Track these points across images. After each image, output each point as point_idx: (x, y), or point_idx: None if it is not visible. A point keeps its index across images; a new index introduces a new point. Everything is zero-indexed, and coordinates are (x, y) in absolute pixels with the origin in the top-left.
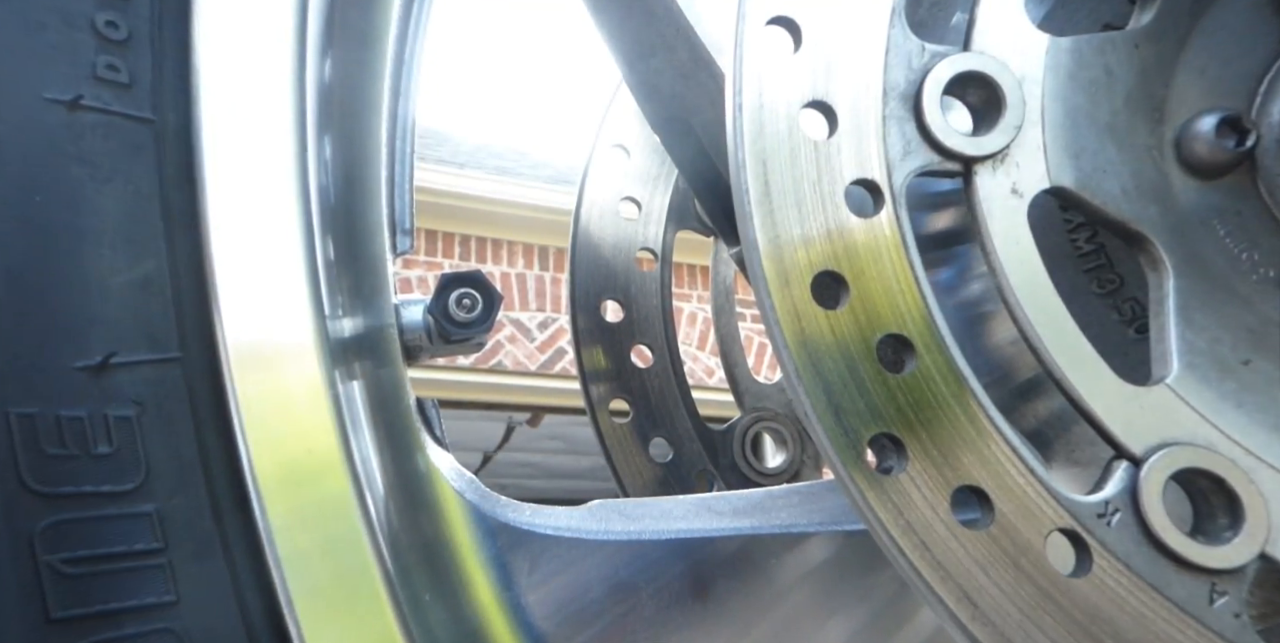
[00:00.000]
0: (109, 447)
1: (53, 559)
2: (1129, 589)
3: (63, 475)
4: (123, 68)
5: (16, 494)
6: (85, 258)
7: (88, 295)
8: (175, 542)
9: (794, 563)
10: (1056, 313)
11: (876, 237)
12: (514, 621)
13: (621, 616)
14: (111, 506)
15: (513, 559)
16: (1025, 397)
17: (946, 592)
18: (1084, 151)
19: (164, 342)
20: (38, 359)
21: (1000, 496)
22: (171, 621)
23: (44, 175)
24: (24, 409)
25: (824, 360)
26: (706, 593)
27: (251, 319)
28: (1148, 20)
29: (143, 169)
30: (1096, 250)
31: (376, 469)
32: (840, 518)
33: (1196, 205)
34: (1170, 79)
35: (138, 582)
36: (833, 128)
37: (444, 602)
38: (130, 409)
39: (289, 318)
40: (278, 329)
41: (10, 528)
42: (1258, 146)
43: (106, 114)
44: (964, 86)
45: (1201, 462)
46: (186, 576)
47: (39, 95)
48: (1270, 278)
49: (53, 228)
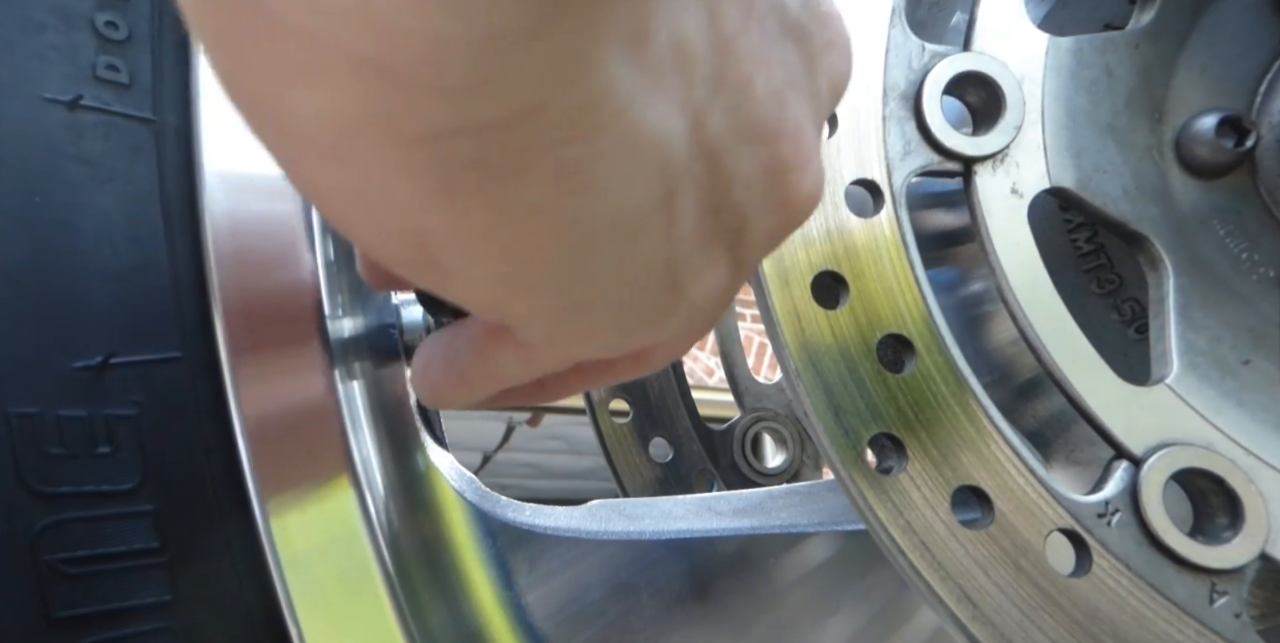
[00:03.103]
0: (109, 446)
1: (53, 559)
2: (1129, 589)
3: (63, 475)
4: (123, 68)
5: (17, 494)
6: (85, 258)
7: (87, 295)
8: (174, 541)
9: (794, 563)
10: (1056, 313)
11: (876, 237)
12: (514, 620)
13: (621, 615)
14: (111, 505)
15: (513, 559)
16: (1025, 397)
17: (946, 592)
18: (1084, 152)
19: (164, 342)
20: (38, 359)
21: (1000, 495)
22: (171, 620)
23: (44, 175)
24: (24, 409)
25: (824, 360)
26: (706, 593)
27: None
28: (1148, 20)
29: (143, 169)
30: (1097, 250)
31: (376, 469)
32: (840, 518)
33: (1196, 205)
34: (1170, 79)
35: (137, 581)
36: (833, 128)
37: (444, 602)
38: (130, 409)
39: (289, 318)
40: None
41: (10, 528)
42: (1258, 146)
43: (106, 114)
44: (964, 86)
45: (1201, 462)
46: (186, 575)
47: (39, 95)
48: (1270, 278)
49: (52, 228)
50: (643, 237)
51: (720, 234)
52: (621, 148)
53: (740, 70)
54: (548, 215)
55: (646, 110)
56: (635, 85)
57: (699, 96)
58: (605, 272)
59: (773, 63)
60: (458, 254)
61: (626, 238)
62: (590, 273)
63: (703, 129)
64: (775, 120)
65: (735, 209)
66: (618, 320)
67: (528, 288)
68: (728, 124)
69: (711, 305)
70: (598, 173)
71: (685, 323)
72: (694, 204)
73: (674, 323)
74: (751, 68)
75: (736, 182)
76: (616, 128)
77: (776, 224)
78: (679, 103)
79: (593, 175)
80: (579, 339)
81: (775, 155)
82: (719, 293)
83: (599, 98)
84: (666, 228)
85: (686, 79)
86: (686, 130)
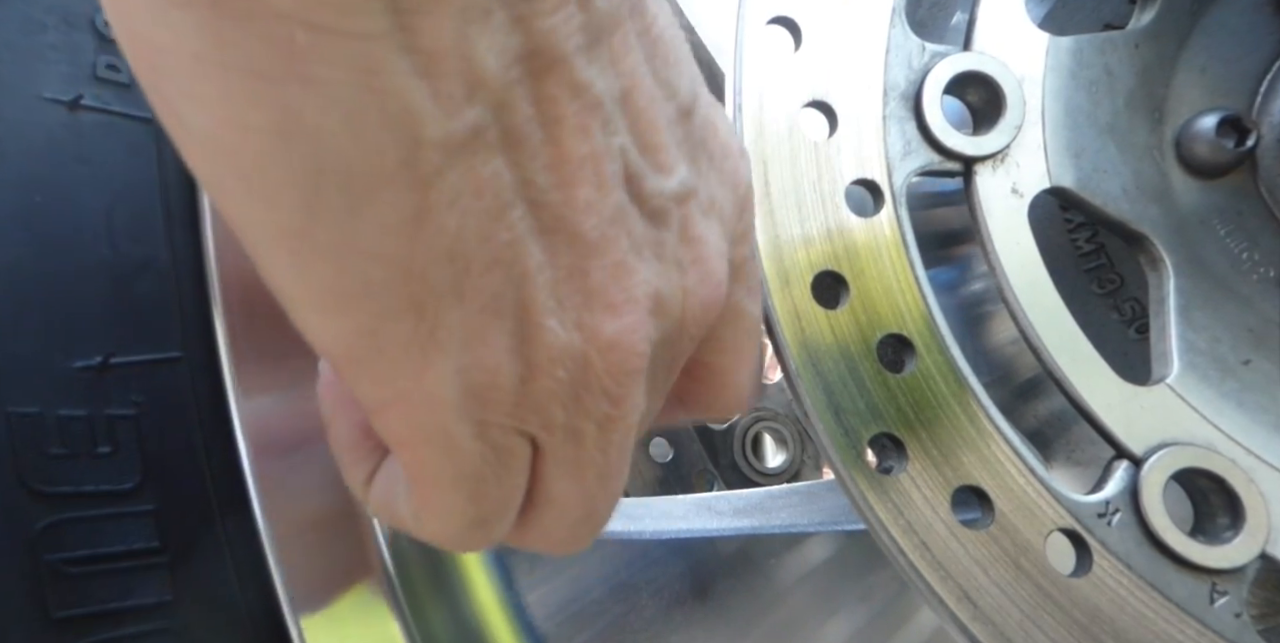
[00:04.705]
0: (109, 446)
1: (53, 559)
2: (1129, 589)
3: (63, 475)
4: (123, 68)
5: (17, 494)
6: (85, 258)
7: (87, 295)
8: (174, 541)
9: (794, 563)
10: (1057, 313)
11: (877, 236)
12: (514, 620)
13: (621, 616)
14: (111, 505)
15: (513, 559)
16: (1025, 397)
17: (946, 592)
18: (1084, 151)
19: (164, 342)
20: (38, 359)
21: (1000, 495)
22: (171, 620)
23: (44, 175)
24: (24, 409)
25: (824, 360)
26: (706, 593)
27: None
28: (1148, 20)
29: (143, 169)
30: (1097, 250)
31: None
32: (840, 518)
33: (1197, 205)
34: (1171, 79)
35: (137, 581)
36: (833, 128)
37: (444, 602)
38: (130, 409)
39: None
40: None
41: (10, 528)
42: (1258, 146)
43: (106, 114)
44: (964, 86)
45: (1202, 462)
46: (186, 575)
47: (39, 95)
48: (1271, 278)
49: (52, 227)
50: (383, 202)
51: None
52: (354, 75)
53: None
54: (266, 84)
55: (389, 61)
56: (388, 33)
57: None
58: (330, 214)
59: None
60: (180, 88)
61: (356, 187)
62: (310, 202)
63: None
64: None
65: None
66: (344, 289)
67: (241, 175)
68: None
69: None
70: (322, 75)
71: (438, 381)
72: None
73: (432, 370)
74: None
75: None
76: (351, 47)
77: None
78: (448, 100)
79: (316, 75)
80: (301, 291)
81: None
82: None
83: (343, 3)
84: (423, 212)
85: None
86: (457, 131)
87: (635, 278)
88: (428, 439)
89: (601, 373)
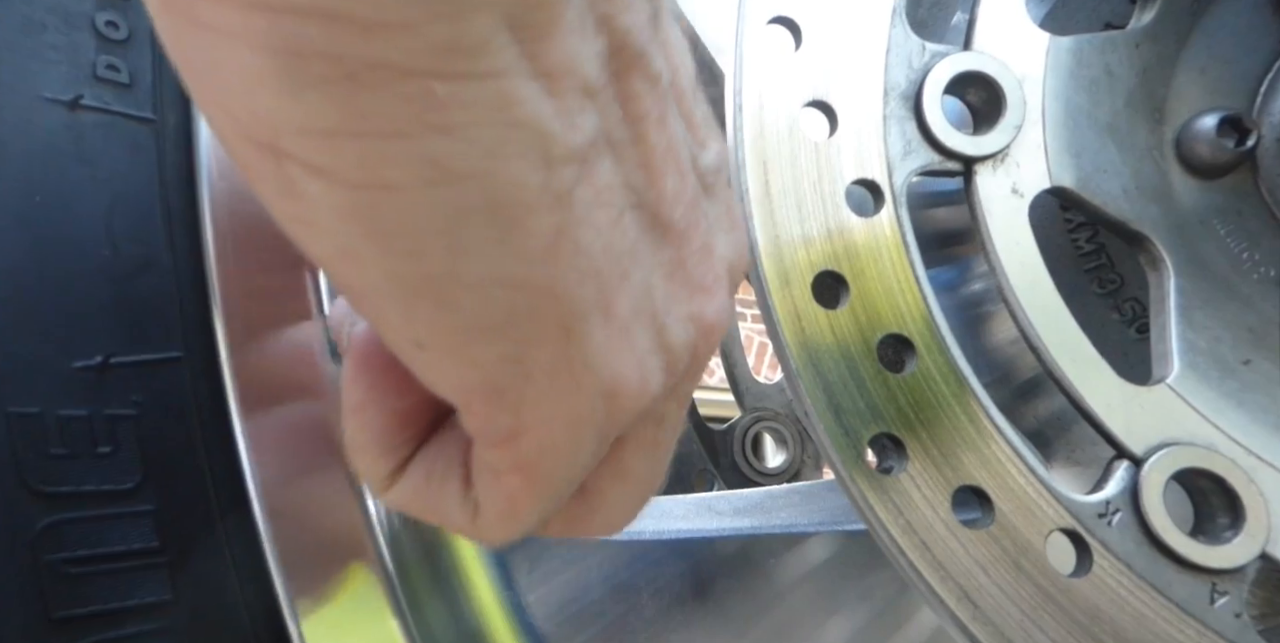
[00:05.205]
0: (109, 446)
1: (53, 559)
2: (1129, 589)
3: (63, 475)
4: (123, 68)
5: (17, 494)
6: (85, 258)
7: (87, 296)
8: (174, 541)
9: (794, 563)
10: (1057, 313)
11: (877, 236)
12: (514, 620)
13: (621, 616)
14: (111, 505)
15: (513, 559)
16: (1026, 397)
17: (946, 592)
18: (1085, 151)
19: (164, 342)
20: (38, 359)
21: (1000, 495)
22: (171, 620)
23: (44, 175)
24: (24, 409)
25: (824, 360)
26: (706, 593)
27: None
28: (1148, 20)
29: (143, 169)
30: (1097, 250)
31: None
32: (840, 518)
33: (1197, 205)
34: (1171, 79)
35: (137, 581)
36: (833, 128)
37: (444, 602)
38: (130, 409)
39: (290, 317)
40: (278, 329)
41: (11, 528)
42: (1258, 146)
43: (106, 114)
44: (964, 86)
45: (1202, 462)
46: (186, 575)
47: (39, 95)
48: (1271, 277)
49: (52, 228)
50: (528, 229)
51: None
52: (492, 113)
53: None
54: (405, 142)
55: (521, 90)
56: (515, 64)
57: (598, 126)
58: (477, 250)
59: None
60: (306, 164)
61: (501, 219)
62: (456, 242)
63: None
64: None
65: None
66: (489, 321)
67: (380, 232)
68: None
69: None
70: (461, 120)
71: (572, 391)
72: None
73: (582, 392)
74: (663, 160)
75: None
76: (486, 86)
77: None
78: (569, 116)
79: (455, 121)
80: (438, 331)
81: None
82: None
83: (472, 48)
84: (559, 231)
85: (589, 107)
86: (580, 145)
87: (716, 255)
88: (557, 458)
89: (703, 357)
